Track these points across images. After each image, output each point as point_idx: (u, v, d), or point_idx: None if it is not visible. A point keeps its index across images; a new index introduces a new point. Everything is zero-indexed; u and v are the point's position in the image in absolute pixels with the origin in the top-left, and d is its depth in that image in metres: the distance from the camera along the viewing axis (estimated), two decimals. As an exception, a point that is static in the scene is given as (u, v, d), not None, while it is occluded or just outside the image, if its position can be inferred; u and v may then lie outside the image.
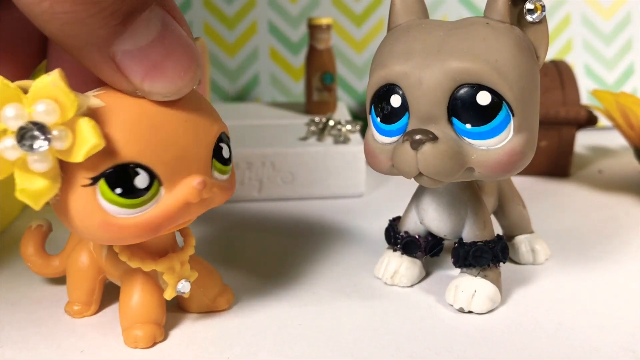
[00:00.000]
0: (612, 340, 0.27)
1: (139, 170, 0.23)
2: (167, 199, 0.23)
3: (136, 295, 0.27)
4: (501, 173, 0.26)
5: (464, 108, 0.25)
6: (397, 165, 0.26)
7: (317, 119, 0.49)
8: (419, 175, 0.26)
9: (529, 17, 0.26)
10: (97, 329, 0.28)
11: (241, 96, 0.67)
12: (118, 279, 0.28)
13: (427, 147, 0.25)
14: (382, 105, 0.27)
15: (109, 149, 0.22)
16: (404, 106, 0.26)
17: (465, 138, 0.25)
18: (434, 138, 0.25)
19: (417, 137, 0.25)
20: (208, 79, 0.28)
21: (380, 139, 0.27)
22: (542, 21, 0.26)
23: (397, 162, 0.26)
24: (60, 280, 0.32)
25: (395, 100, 0.26)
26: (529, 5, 0.26)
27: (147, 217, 0.23)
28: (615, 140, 0.61)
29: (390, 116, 0.26)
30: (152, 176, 0.23)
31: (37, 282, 0.32)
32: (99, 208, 0.23)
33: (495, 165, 0.25)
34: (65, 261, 0.30)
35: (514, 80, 0.25)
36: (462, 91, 0.25)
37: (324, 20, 0.53)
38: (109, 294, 0.30)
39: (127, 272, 0.27)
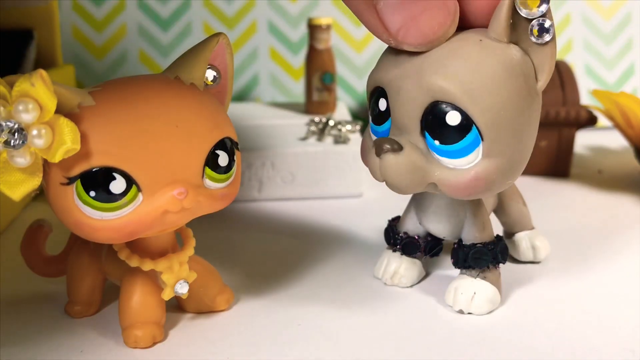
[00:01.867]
0: (612, 341, 0.27)
1: (116, 175, 0.22)
2: (145, 206, 0.23)
3: (136, 295, 0.27)
4: (461, 194, 0.25)
5: (434, 124, 0.25)
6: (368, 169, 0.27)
7: (317, 119, 0.49)
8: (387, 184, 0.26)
9: (533, 39, 0.24)
10: (97, 329, 0.28)
11: (241, 96, 0.67)
12: (118, 278, 0.28)
13: (388, 157, 0.25)
14: (373, 106, 0.27)
15: (87, 151, 0.22)
16: (388, 111, 0.26)
17: (434, 153, 0.25)
18: (397, 149, 0.25)
19: (381, 145, 0.25)
20: (231, 76, 0.27)
21: (372, 137, 0.28)
22: (549, 43, 0.24)
23: (367, 166, 0.27)
24: (60, 280, 0.32)
25: (382, 104, 0.26)
26: (533, 24, 0.24)
27: (121, 221, 0.23)
28: (615, 140, 0.61)
29: (378, 118, 0.27)
30: (130, 181, 0.23)
31: (37, 282, 0.32)
32: (75, 207, 0.23)
33: (456, 185, 0.25)
34: (65, 261, 0.30)
35: (489, 105, 0.24)
36: (435, 108, 0.24)
37: (324, 20, 0.53)
38: (109, 294, 0.30)
39: (127, 272, 0.27)
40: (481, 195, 0.26)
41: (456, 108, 0.24)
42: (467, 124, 0.24)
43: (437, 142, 0.25)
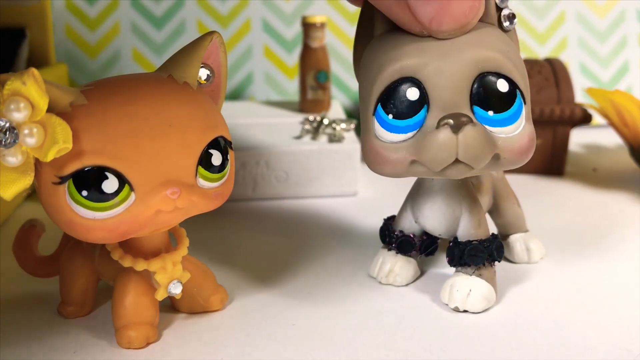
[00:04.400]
0: (607, 339, 0.27)
1: (108, 174, 0.22)
2: (137, 206, 0.23)
3: (129, 296, 0.27)
4: (524, 158, 0.26)
5: (486, 95, 0.25)
6: (431, 155, 0.25)
7: (311, 117, 0.49)
8: (451, 165, 0.25)
9: (505, 24, 0.27)
10: (90, 329, 0.28)
11: (235, 94, 0.67)
12: (111, 279, 0.28)
13: (468, 130, 0.25)
14: (394, 101, 0.26)
15: (79, 150, 0.22)
16: (422, 99, 0.25)
17: (486, 126, 0.26)
18: (473, 120, 0.25)
19: (458, 120, 0.25)
20: (225, 74, 0.27)
21: (390, 137, 0.26)
22: (514, 30, 0.27)
23: (432, 151, 0.25)
24: (53, 280, 0.32)
25: (413, 94, 0.25)
26: (505, 12, 0.27)
27: (114, 221, 0.23)
28: (610, 138, 0.61)
29: (405, 111, 0.26)
30: (123, 181, 0.23)
31: (30, 283, 0.32)
32: (67, 206, 0.23)
33: (520, 149, 0.26)
34: (58, 262, 0.30)
35: (522, 71, 0.26)
36: (485, 78, 0.25)
37: (318, 19, 0.53)
38: (102, 295, 0.30)
39: (120, 272, 0.27)
40: (528, 159, 0.27)
41: (502, 76, 0.25)
42: (513, 89, 0.25)
43: (490, 113, 0.25)
